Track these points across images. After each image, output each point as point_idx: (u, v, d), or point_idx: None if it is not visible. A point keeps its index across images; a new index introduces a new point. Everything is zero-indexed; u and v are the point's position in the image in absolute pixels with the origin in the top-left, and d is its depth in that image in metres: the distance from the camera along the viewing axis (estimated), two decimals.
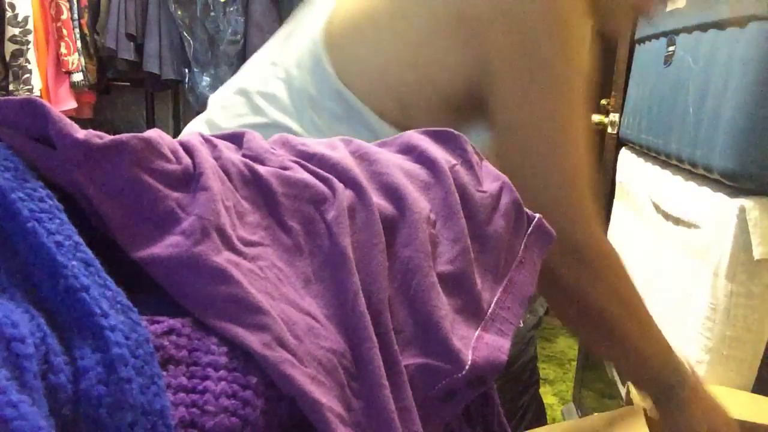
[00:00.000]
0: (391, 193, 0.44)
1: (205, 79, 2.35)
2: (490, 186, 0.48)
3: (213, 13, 2.27)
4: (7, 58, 2.26)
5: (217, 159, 0.41)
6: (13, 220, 0.29)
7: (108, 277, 0.29)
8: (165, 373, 0.29)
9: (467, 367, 0.38)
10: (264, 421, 0.31)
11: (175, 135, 0.45)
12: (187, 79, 2.41)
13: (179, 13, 2.29)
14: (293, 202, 0.41)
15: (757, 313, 0.98)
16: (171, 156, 0.37)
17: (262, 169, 0.42)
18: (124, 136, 0.35)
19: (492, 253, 0.45)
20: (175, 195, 0.36)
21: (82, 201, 0.34)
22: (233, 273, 0.33)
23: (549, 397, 2.19)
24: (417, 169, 0.47)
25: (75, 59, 2.38)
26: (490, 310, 0.43)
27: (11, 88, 2.27)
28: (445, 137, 0.51)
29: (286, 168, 0.43)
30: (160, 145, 0.37)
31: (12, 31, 2.24)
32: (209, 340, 0.31)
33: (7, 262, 0.28)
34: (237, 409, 0.30)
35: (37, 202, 0.30)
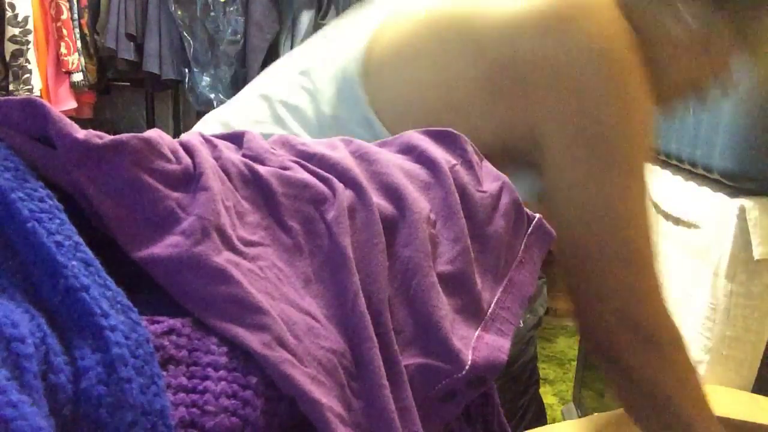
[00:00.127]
0: (391, 193, 0.44)
1: (205, 79, 2.35)
2: (490, 186, 0.48)
3: (213, 13, 2.27)
4: (7, 58, 2.26)
5: (217, 159, 0.41)
6: (13, 220, 0.29)
7: (108, 277, 0.29)
8: (165, 373, 0.29)
9: (467, 367, 0.38)
10: (264, 421, 0.31)
11: (175, 135, 0.45)
12: (187, 79, 2.41)
13: (179, 13, 2.29)
14: (293, 202, 0.41)
15: (757, 313, 0.98)
16: (171, 156, 0.37)
17: (262, 169, 0.42)
18: (124, 136, 0.35)
19: (492, 253, 0.45)
20: (175, 195, 0.36)
21: (82, 201, 0.34)
22: (233, 273, 0.33)
23: (549, 397, 2.19)
24: (417, 169, 0.47)
25: (75, 59, 2.38)
26: (490, 310, 0.43)
27: (11, 88, 2.27)
28: (445, 137, 0.51)
29: (286, 168, 0.43)
30: (160, 145, 0.37)
31: (12, 31, 2.24)
32: (209, 340, 0.31)
33: (7, 262, 0.28)
34: (237, 409, 0.30)
35: (37, 202, 0.30)
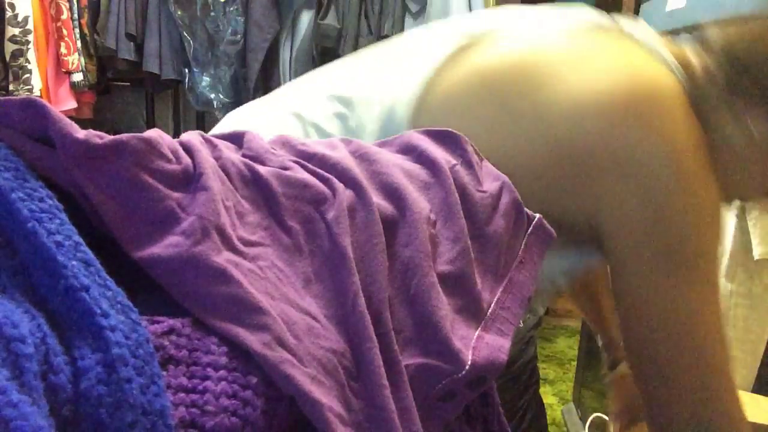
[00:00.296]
0: (391, 193, 0.44)
1: (205, 79, 2.35)
2: (490, 186, 0.48)
3: (213, 13, 2.26)
4: (7, 58, 2.26)
5: (217, 159, 0.41)
6: (13, 220, 0.29)
7: (108, 277, 0.29)
8: (165, 373, 0.29)
9: (467, 367, 0.38)
10: (264, 421, 0.31)
11: (175, 135, 0.45)
12: (187, 79, 2.40)
13: (179, 13, 2.29)
14: (293, 202, 0.41)
15: (757, 313, 0.98)
16: (171, 156, 0.37)
17: (262, 169, 0.42)
18: (124, 136, 0.35)
19: (492, 253, 0.45)
20: (175, 195, 0.36)
21: (82, 201, 0.34)
22: (233, 273, 0.33)
23: (549, 397, 2.19)
24: (417, 169, 0.47)
25: (75, 59, 2.38)
26: (490, 310, 0.43)
27: (11, 88, 2.27)
28: (445, 137, 0.51)
29: (286, 168, 0.43)
30: (160, 145, 0.37)
31: (12, 31, 2.24)
32: (209, 340, 0.31)
33: (7, 262, 0.28)
34: (237, 409, 0.30)
35: (37, 202, 0.30)
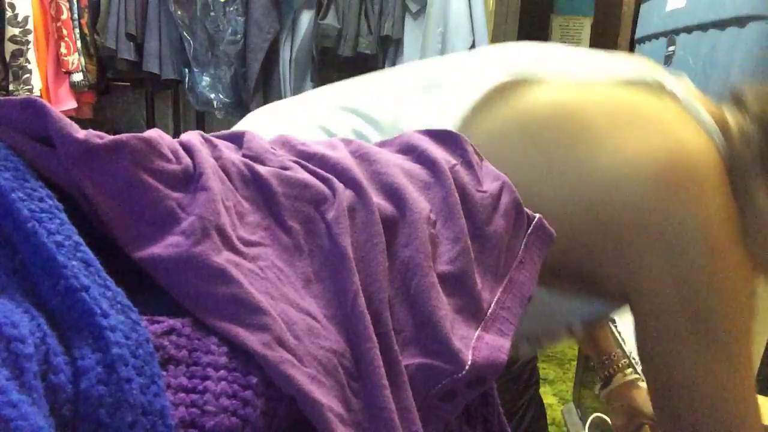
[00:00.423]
0: (391, 193, 0.44)
1: (205, 79, 2.35)
2: (490, 186, 0.48)
3: (213, 13, 2.26)
4: (7, 58, 2.26)
5: (217, 159, 0.41)
6: (13, 220, 0.29)
7: (108, 277, 0.29)
8: (165, 373, 0.29)
9: (467, 367, 0.38)
10: (264, 421, 0.31)
11: (175, 135, 0.45)
12: (187, 79, 2.40)
13: (179, 13, 2.29)
14: (293, 202, 0.41)
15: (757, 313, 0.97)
16: (171, 156, 0.37)
17: (262, 169, 0.42)
18: (124, 136, 0.35)
19: (492, 253, 0.45)
20: (175, 195, 0.36)
21: (82, 201, 0.34)
22: (233, 273, 0.33)
23: (549, 397, 2.19)
24: (417, 169, 0.47)
25: (75, 59, 2.38)
26: (490, 310, 0.43)
27: (11, 88, 2.27)
28: (445, 137, 0.51)
29: (286, 168, 0.43)
30: (160, 145, 0.37)
31: (12, 31, 2.24)
32: (209, 340, 0.31)
33: (7, 262, 0.28)
34: (237, 409, 0.30)
35: (37, 202, 0.30)
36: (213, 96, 2.36)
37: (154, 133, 0.38)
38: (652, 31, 1.42)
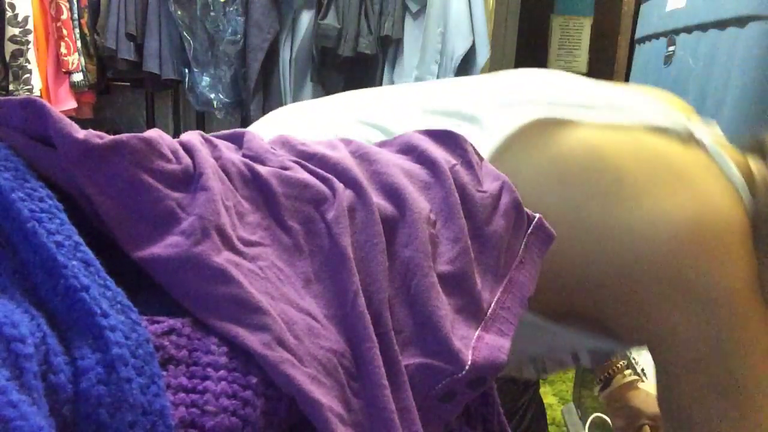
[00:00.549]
0: (391, 193, 0.44)
1: (205, 79, 2.35)
2: (490, 186, 0.48)
3: (213, 13, 2.26)
4: (7, 58, 2.26)
5: (217, 159, 0.41)
6: (13, 220, 0.29)
7: (108, 277, 0.29)
8: (165, 373, 0.29)
9: (467, 367, 0.38)
10: (264, 421, 0.31)
11: (175, 135, 0.45)
12: (187, 79, 2.41)
13: (179, 13, 2.29)
14: (293, 202, 0.41)
15: None
16: (171, 156, 0.37)
17: (262, 169, 0.42)
18: (124, 136, 0.35)
19: (492, 253, 0.45)
20: (175, 195, 0.36)
21: (82, 201, 0.34)
22: (233, 273, 0.33)
23: (549, 397, 2.19)
24: (417, 169, 0.47)
25: (75, 59, 2.38)
26: (490, 310, 0.43)
27: (11, 88, 2.27)
28: (445, 137, 0.51)
29: (286, 168, 0.43)
30: (160, 145, 0.37)
31: (12, 31, 2.24)
32: (209, 340, 0.31)
33: (7, 262, 0.28)
34: (237, 409, 0.30)
35: (37, 202, 0.30)
36: (213, 96, 2.36)
37: (154, 133, 0.38)
38: (652, 31, 1.42)
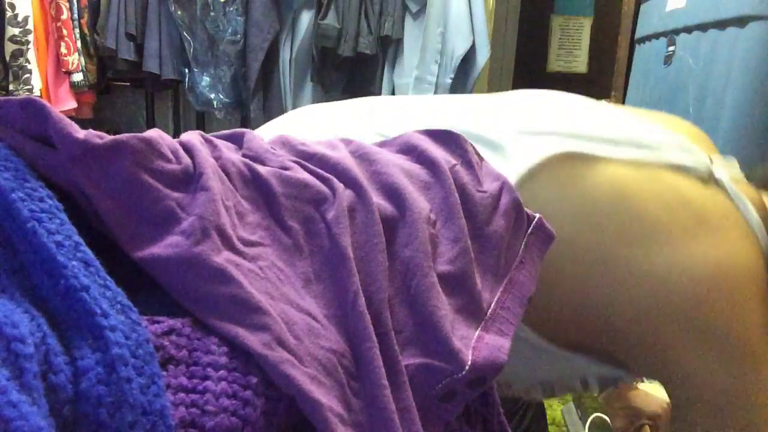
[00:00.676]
0: (391, 193, 0.44)
1: (205, 79, 2.35)
2: (490, 186, 0.48)
3: (213, 13, 2.26)
4: (7, 58, 2.26)
5: (217, 159, 0.41)
6: (13, 220, 0.29)
7: (108, 277, 0.29)
8: (165, 373, 0.29)
9: (467, 367, 0.38)
10: (264, 421, 0.31)
11: (175, 135, 0.45)
12: (187, 79, 2.40)
13: (179, 13, 2.28)
14: (293, 202, 0.41)
15: None
16: (171, 156, 0.37)
17: (262, 169, 0.42)
18: (124, 136, 0.35)
19: (492, 253, 0.45)
20: (175, 195, 0.36)
21: (82, 201, 0.34)
22: (233, 273, 0.33)
23: None
24: (417, 169, 0.47)
25: (75, 59, 2.38)
26: (490, 310, 0.43)
27: (11, 88, 2.27)
28: (445, 137, 0.51)
29: (286, 168, 0.43)
30: (160, 145, 0.37)
31: (12, 31, 2.24)
32: (209, 340, 0.31)
33: (7, 262, 0.28)
34: (237, 409, 0.30)
35: (37, 202, 0.30)
36: (213, 96, 2.36)
37: (154, 133, 0.38)
38: (652, 31, 1.42)
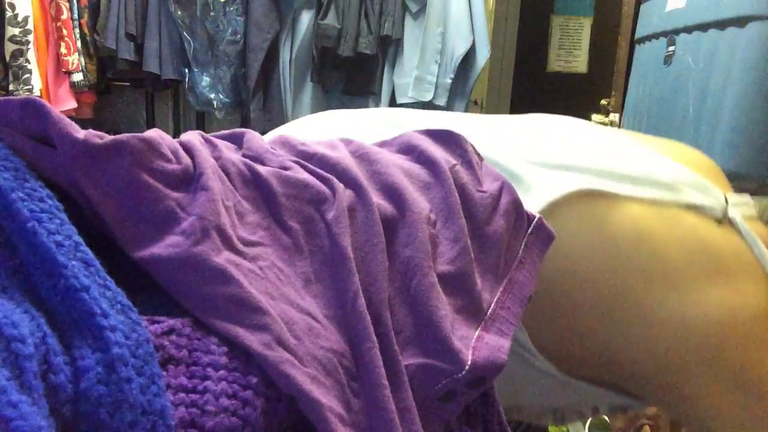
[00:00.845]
0: (391, 193, 0.44)
1: (205, 79, 2.35)
2: (490, 186, 0.48)
3: (213, 13, 2.26)
4: (7, 58, 2.25)
5: (217, 159, 0.41)
6: (13, 220, 0.29)
7: (108, 277, 0.29)
8: (165, 373, 0.29)
9: (467, 367, 0.38)
10: (264, 421, 0.31)
11: (175, 135, 0.45)
12: (187, 79, 2.40)
13: (179, 13, 2.28)
14: (293, 202, 0.41)
15: None
16: (171, 156, 0.37)
17: (262, 169, 0.42)
18: (124, 136, 0.35)
19: (492, 253, 0.45)
20: (175, 195, 0.36)
21: (82, 201, 0.34)
22: (233, 273, 0.33)
23: None
24: (417, 169, 0.47)
25: (75, 59, 2.38)
26: (490, 310, 0.43)
27: (11, 88, 2.27)
28: (445, 137, 0.51)
29: (286, 168, 0.43)
30: (160, 145, 0.37)
31: (12, 31, 2.24)
32: (209, 340, 0.31)
33: (7, 262, 0.28)
34: (237, 409, 0.30)
35: (37, 202, 0.30)
36: (213, 96, 2.36)
37: (154, 133, 0.38)
38: (652, 31, 1.42)
